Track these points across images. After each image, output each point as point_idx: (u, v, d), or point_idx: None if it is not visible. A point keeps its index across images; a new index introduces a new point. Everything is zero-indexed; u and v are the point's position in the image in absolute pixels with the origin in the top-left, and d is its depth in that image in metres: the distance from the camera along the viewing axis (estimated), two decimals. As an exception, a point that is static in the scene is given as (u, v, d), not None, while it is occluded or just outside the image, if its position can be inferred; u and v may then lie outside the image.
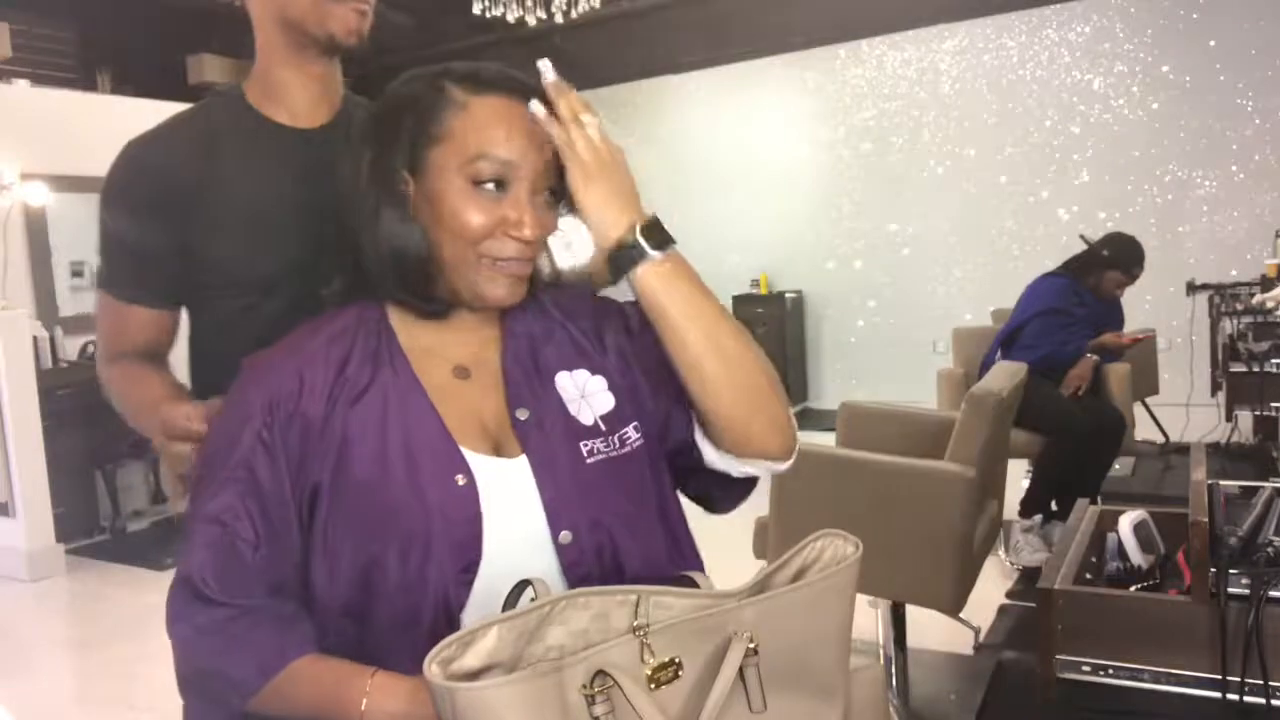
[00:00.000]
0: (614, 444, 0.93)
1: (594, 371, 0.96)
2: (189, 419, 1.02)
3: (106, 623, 3.68)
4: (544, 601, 0.73)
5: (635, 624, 0.73)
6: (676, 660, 0.74)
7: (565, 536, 0.88)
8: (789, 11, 6.58)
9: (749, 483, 1.01)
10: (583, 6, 5.23)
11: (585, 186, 0.89)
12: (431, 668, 0.69)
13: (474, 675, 0.70)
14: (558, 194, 0.92)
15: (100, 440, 4.57)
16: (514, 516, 0.88)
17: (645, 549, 0.93)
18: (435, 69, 0.92)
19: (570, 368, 0.96)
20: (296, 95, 1.21)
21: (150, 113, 1.27)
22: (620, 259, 0.90)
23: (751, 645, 0.76)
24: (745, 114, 7.03)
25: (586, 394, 0.95)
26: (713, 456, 0.97)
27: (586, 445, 0.91)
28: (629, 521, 0.92)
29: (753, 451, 0.94)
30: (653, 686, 0.73)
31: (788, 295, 6.80)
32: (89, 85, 6.14)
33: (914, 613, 2.55)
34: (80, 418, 4.47)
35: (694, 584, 0.85)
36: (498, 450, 0.90)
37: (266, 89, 1.21)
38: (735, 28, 6.78)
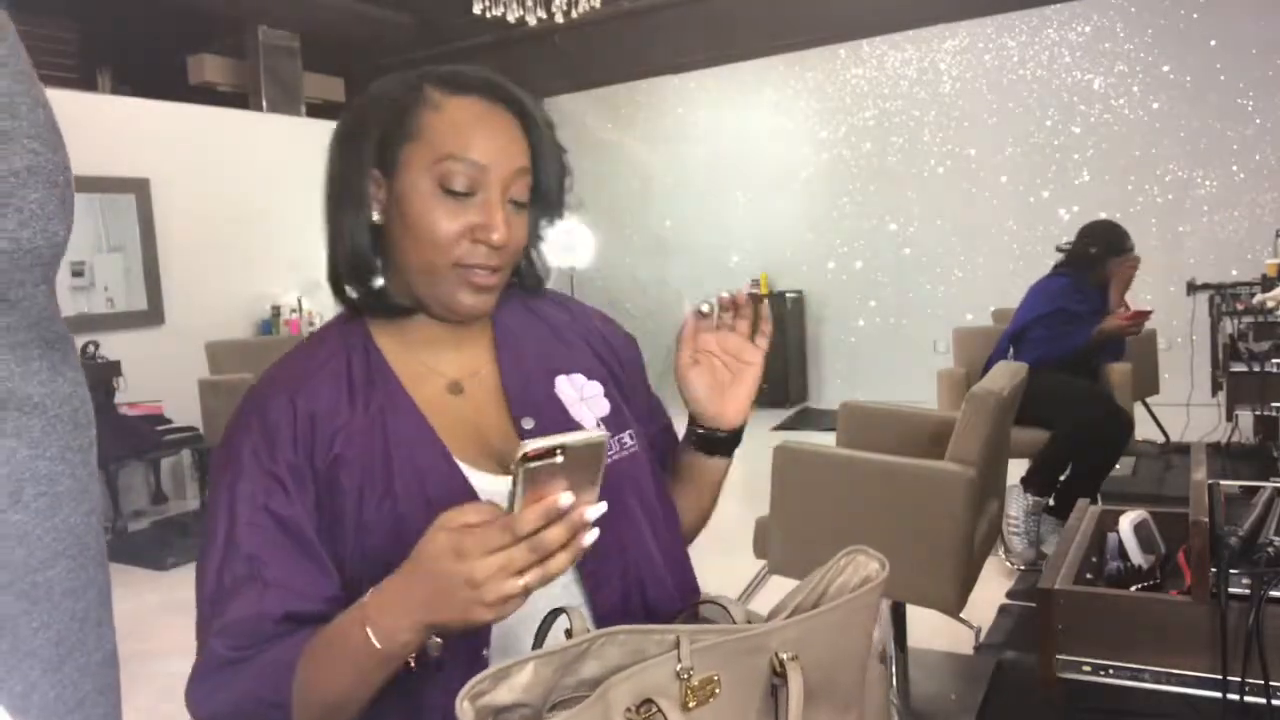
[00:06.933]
0: (613, 447, 0.92)
1: (590, 376, 0.96)
2: None
3: (107, 623, 3.67)
4: (583, 640, 0.72)
5: (678, 669, 0.73)
6: (715, 677, 0.74)
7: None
8: (789, 11, 6.57)
9: None
10: (583, 6, 5.22)
11: (753, 386, 0.97)
12: (463, 704, 0.67)
13: (503, 711, 0.70)
14: (522, 205, 0.90)
15: (100, 440, 4.53)
16: None
17: (649, 554, 0.93)
18: (416, 70, 0.91)
19: (567, 370, 0.96)
20: None
21: (150, 113, 1.27)
22: (729, 441, 1.00)
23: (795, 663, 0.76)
24: (745, 114, 7.03)
25: (585, 397, 0.95)
26: None
27: None
28: (634, 525, 0.92)
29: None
30: (691, 704, 0.72)
31: (788, 295, 6.80)
32: (89, 85, 6.13)
33: (914, 613, 2.54)
34: (80, 418, 4.45)
35: (723, 608, 0.84)
36: (504, 465, 0.89)
37: None
38: (735, 28, 6.77)
